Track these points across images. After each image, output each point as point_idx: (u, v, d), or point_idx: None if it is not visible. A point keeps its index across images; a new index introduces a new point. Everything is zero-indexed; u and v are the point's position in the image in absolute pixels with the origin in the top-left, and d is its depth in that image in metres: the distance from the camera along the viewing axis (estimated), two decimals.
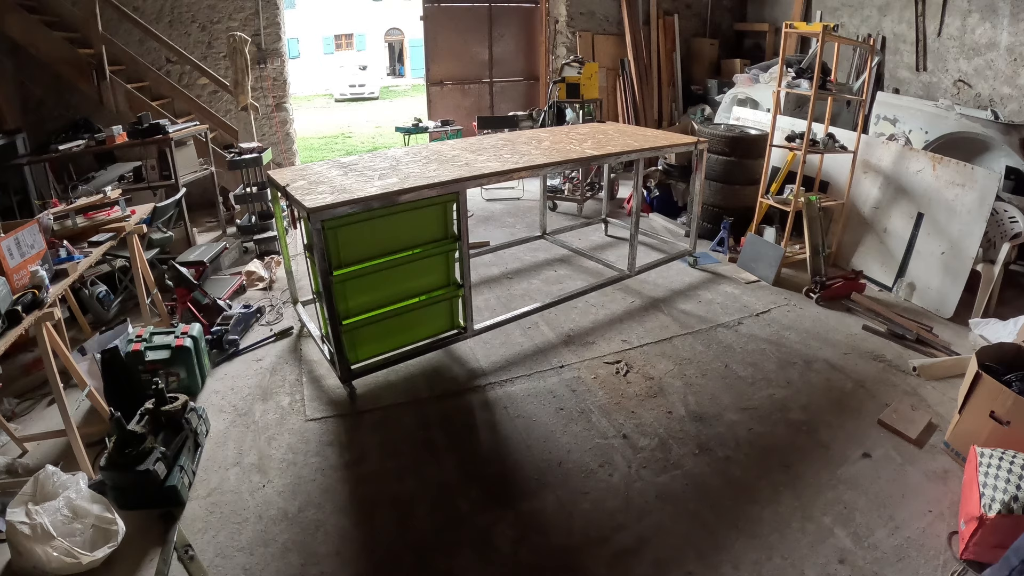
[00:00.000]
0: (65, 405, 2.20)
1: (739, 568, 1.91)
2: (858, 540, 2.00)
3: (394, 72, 25.58)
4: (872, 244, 4.02)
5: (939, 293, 3.56)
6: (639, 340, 3.25)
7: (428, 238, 2.81)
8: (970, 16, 4.74)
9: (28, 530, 1.81)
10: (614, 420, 2.62)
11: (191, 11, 5.45)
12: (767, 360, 3.06)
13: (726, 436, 2.52)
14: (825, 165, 4.27)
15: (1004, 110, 4.55)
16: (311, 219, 2.41)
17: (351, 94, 18.75)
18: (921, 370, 2.92)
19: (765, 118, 4.80)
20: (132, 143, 4.47)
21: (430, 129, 6.37)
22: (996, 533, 1.83)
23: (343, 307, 2.65)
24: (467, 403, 2.76)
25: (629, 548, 1.99)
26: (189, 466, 2.27)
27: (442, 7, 6.66)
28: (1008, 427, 2.17)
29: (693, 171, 4.16)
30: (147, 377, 2.62)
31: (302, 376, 2.97)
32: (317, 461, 2.40)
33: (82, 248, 2.77)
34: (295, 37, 20.73)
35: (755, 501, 2.18)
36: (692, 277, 4.05)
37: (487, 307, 3.61)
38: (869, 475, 2.30)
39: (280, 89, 5.96)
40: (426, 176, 2.79)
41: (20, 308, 2.07)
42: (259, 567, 1.93)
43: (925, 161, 3.71)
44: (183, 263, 3.72)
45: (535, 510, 2.15)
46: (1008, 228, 3.59)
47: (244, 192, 4.59)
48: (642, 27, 6.83)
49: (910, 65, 5.30)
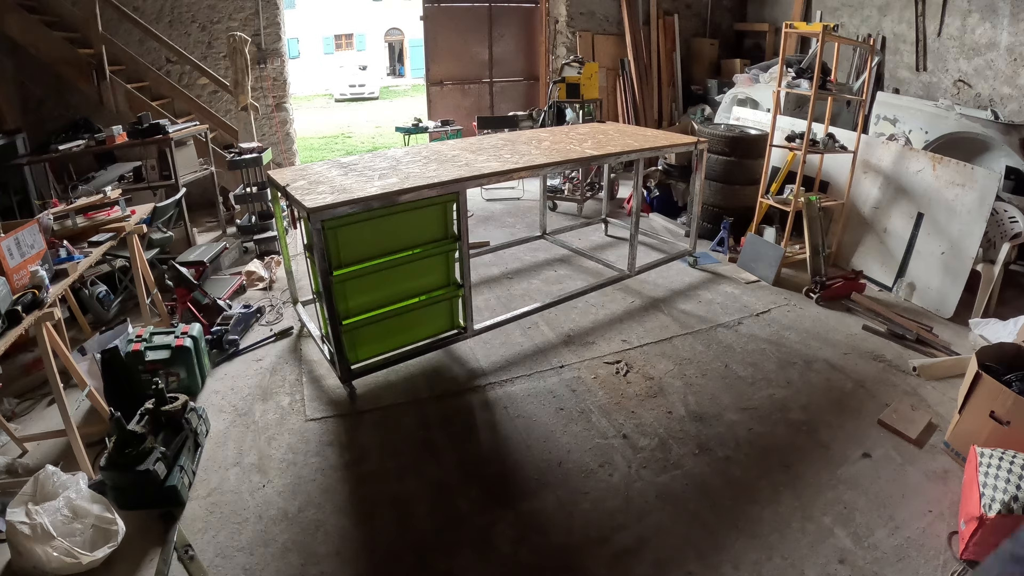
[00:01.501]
0: (65, 405, 2.20)
1: (739, 568, 1.91)
2: (858, 540, 2.00)
3: (394, 72, 25.58)
4: (872, 244, 4.02)
5: (939, 293, 3.56)
6: (639, 340, 3.25)
7: (428, 238, 2.81)
8: (970, 16, 4.74)
9: (28, 530, 1.81)
10: (614, 420, 2.62)
11: (191, 11, 5.45)
12: (767, 360, 3.06)
13: (726, 436, 2.52)
14: (825, 165, 4.27)
15: (1004, 110, 4.55)
16: (311, 219, 2.41)
17: (351, 94, 18.76)
18: (921, 370, 2.92)
19: (765, 118, 4.80)
20: (132, 143, 4.47)
21: (430, 129, 6.37)
22: (996, 533, 1.83)
23: (343, 307, 2.65)
24: (467, 403, 2.76)
25: (629, 548, 1.99)
26: (189, 466, 2.27)
27: (442, 7, 6.66)
28: (1008, 427, 2.17)
29: (693, 171, 4.16)
30: (147, 377, 2.62)
31: (302, 376, 2.97)
32: (317, 461, 2.40)
33: (82, 248, 2.77)
34: (295, 37, 20.73)
35: (755, 501, 2.18)
36: (692, 277, 4.05)
37: (487, 307, 3.61)
38: (869, 475, 2.30)
39: (280, 89, 5.96)
40: (426, 176, 2.79)
41: (20, 308, 2.07)
42: (259, 567, 1.93)
43: (925, 161, 3.71)
44: (183, 263, 3.71)
45: (535, 510, 2.15)
46: (1008, 228, 3.59)
47: (244, 192, 4.59)
48: (642, 27, 6.83)
49: (910, 65, 5.30)
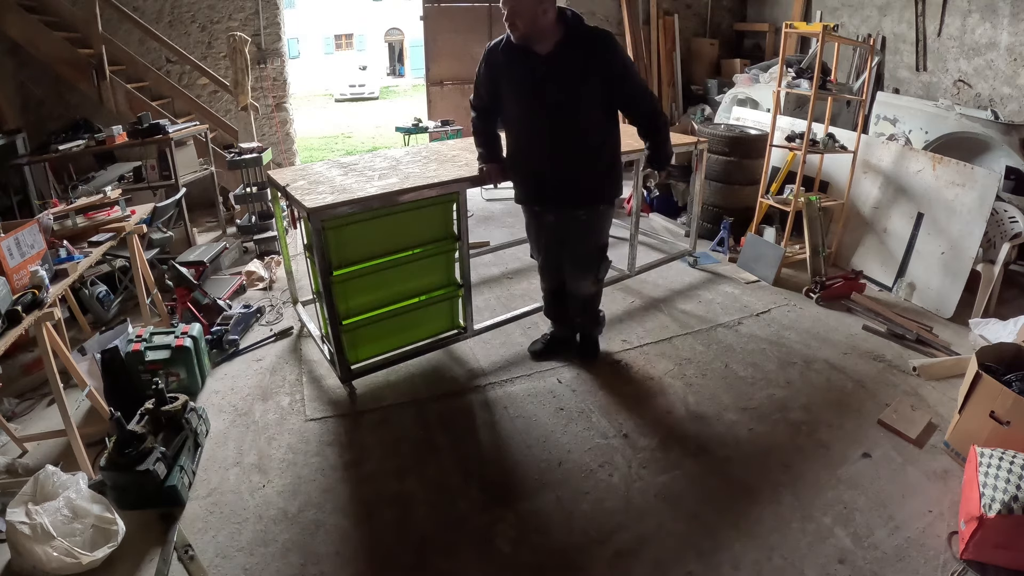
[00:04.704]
0: (65, 405, 2.20)
1: (739, 568, 1.91)
2: (858, 540, 2.00)
3: (394, 72, 25.59)
4: (872, 244, 4.02)
5: (939, 293, 3.56)
6: (639, 340, 3.25)
7: (428, 238, 2.81)
8: (970, 16, 4.74)
9: (28, 530, 1.81)
10: (614, 420, 2.62)
11: (191, 11, 5.45)
12: (767, 360, 3.06)
13: (726, 436, 2.52)
14: (825, 165, 4.27)
15: (1004, 110, 4.55)
16: (311, 219, 2.41)
17: (351, 94, 18.77)
18: (921, 370, 2.92)
19: (765, 118, 4.80)
20: (132, 143, 4.47)
21: (430, 129, 6.36)
22: (996, 533, 1.83)
23: (343, 307, 2.65)
24: (467, 403, 2.76)
25: (629, 548, 1.99)
26: (189, 466, 2.27)
27: (442, 7, 6.65)
28: (1008, 427, 2.17)
29: (693, 171, 4.15)
30: (147, 377, 2.61)
31: (302, 376, 2.97)
32: (317, 461, 2.40)
33: (82, 248, 2.77)
34: (295, 37, 20.73)
35: (755, 501, 2.18)
36: (692, 277, 4.05)
37: (487, 307, 3.61)
38: (869, 475, 2.30)
39: (280, 89, 5.96)
40: (426, 176, 2.79)
41: (20, 308, 2.07)
42: (259, 567, 1.93)
43: (925, 161, 3.71)
44: (183, 263, 3.71)
45: (535, 510, 2.15)
46: (1008, 228, 3.59)
47: (244, 192, 4.59)
48: (642, 27, 6.83)
49: (910, 65, 5.30)
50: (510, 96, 2.49)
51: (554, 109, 2.38)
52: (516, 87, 2.44)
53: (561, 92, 2.35)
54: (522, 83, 2.40)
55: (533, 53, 2.33)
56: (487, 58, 2.50)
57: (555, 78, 2.33)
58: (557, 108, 2.37)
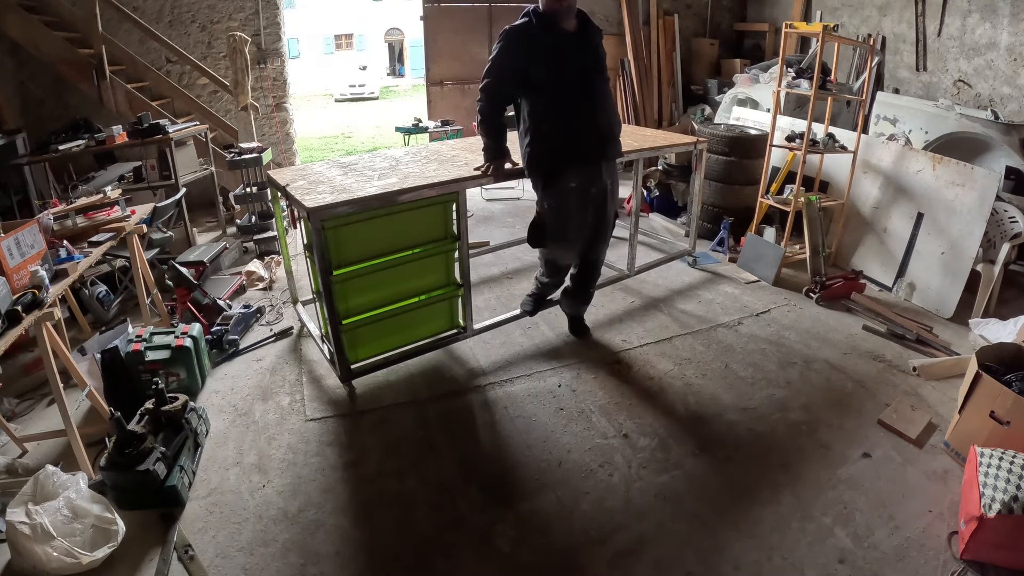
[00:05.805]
0: (65, 405, 2.20)
1: (739, 568, 1.91)
2: (858, 540, 2.00)
3: (394, 72, 25.58)
4: (872, 244, 4.02)
5: (939, 293, 3.56)
6: (639, 340, 3.25)
7: (428, 238, 2.81)
8: (970, 16, 4.74)
9: (28, 530, 1.81)
10: (614, 420, 2.62)
11: (191, 11, 5.45)
12: (767, 360, 3.06)
13: (726, 436, 2.52)
14: (825, 165, 4.27)
15: (1004, 110, 4.55)
16: (311, 219, 2.41)
17: (351, 94, 18.77)
18: (921, 370, 2.92)
19: (765, 118, 4.80)
20: (132, 143, 4.46)
21: (430, 129, 6.36)
22: (996, 533, 1.83)
23: (343, 307, 2.65)
24: (467, 403, 2.76)
25: (629, 548, 1.99)
26: (189, 466, 2.27)
27: (442, 7, 6.65)
28: (1008, 427, 2.17)
29: (693, 171, 4.15)
30: (147, 377, 2.62)
31: (302, 376, 2.97)
32: (317, 461, 2.40)
33: (82, 248, 2.77)
34: (295, 37, 20.73)
35: (755, 501, 2.18)
36: (692, 277, 4.05)
37: (487, 307, 3.61)
38: (869, 475, 2.30)
39: (280, 89, 5.96)
40: (426, 176, 2.79)
41: (20, 308, 2.07)
42: (259, 567, 1.93)
43: (925, 161, 3.71)
44: (183, 263, 3.71)
45: (535, 510, 2.15)
46: (1008, 228, 3.59)
47: (244, 192, 4.59)
48: (642, 27, 6.83)
49: (910, 65, 5.30)
50: (552, 68, 2.61)
51: (594, 75, 2.72)
52: (560, 58, 2.63)
53: (596, 61, 2.73)
54: (568, 54, 2.64)
55: (562, 30, 2.62)
56: (518, 37, 2.60)
57: (587, 49, 2.69)
58: (596, 74, 2.74)
